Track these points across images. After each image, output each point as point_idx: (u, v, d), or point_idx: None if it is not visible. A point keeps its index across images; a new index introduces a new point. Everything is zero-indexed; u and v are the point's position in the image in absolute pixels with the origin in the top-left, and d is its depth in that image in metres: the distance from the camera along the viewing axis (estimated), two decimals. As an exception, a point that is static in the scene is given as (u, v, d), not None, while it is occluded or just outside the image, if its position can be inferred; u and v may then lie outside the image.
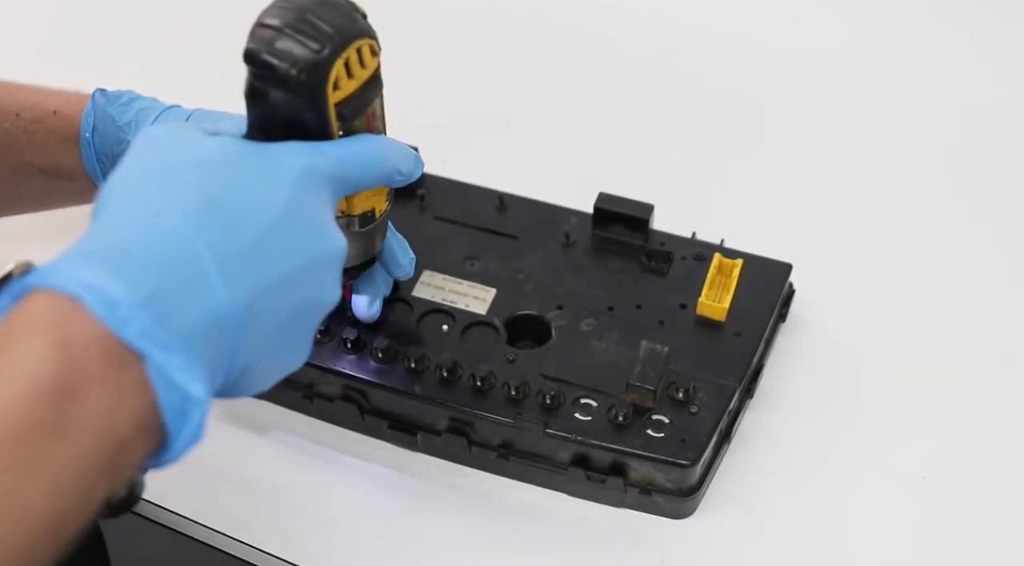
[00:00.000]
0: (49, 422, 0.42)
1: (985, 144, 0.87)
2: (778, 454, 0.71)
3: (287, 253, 0.50)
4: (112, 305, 0.44)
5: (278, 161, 0.52)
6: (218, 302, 0.47)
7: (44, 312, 0.44)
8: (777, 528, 0.69)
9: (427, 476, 0.72)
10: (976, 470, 0.70)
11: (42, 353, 0.43)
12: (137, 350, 0.44)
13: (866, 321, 0.77)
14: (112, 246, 0.46)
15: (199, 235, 0.47)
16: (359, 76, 0.56)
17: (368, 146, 0.57)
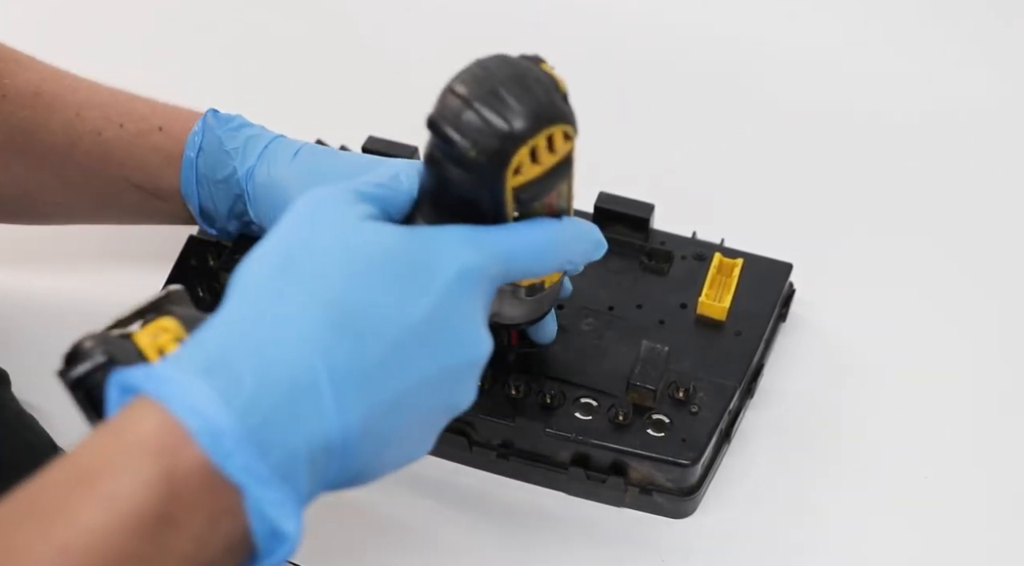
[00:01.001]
0: (144, 554, 0.42)
1: (986, 144, 0.87)
2: (778, 454, 0.71)
3: (421, 364, 0.48)
4: (218, 436, 0.43)
5: (434, 259, 0.49)
6: (328, 427, 0.45)
7: (152, 436, 0.43)
8: (777, 528, 0.69)
9: (427, 475, 0.72)
10: (977, 470, 0.70)
11: (147, 483, 0.42)
12: (236, 483, 0.44)
13: (866, 321, 0.77)
14: (228, 361, 0.45)
15: (322, 358, 0.46)
16: (545, 162, 0.51)
17: (542, 235, 0.52)
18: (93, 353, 0.49)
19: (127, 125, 0.69)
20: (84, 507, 0.42)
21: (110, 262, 0.85)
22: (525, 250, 0.52)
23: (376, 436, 0.47)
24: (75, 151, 0.70)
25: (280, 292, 0.47)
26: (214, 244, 0.77)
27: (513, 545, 0.69)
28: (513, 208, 0.51)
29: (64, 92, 0.70)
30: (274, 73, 0.92)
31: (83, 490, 0.43)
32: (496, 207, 0.51)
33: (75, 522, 0.42)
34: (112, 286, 0.83)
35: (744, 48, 0.94)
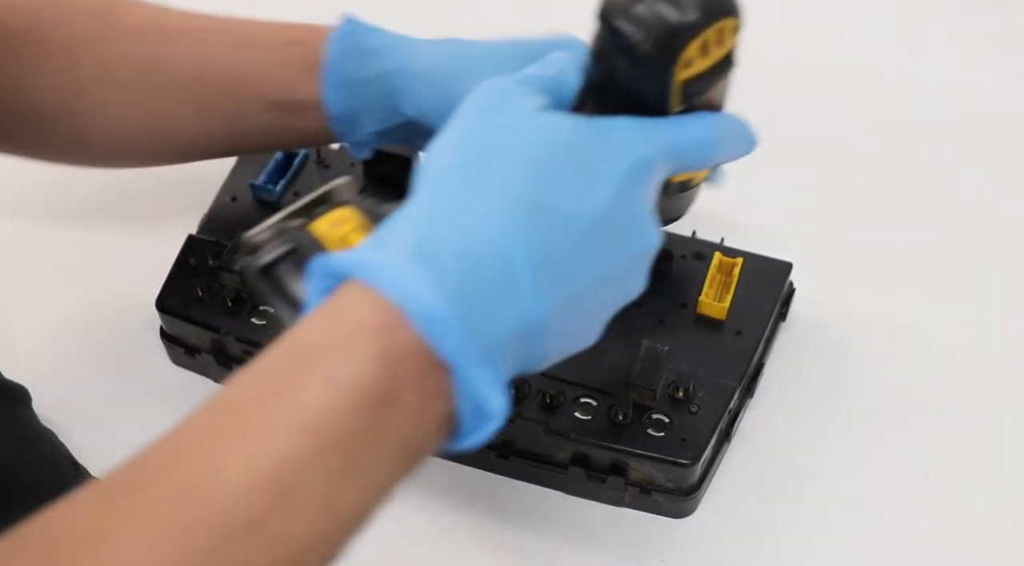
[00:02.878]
0: (367, 431, 0.44)
1: (987, 143, 0.87)
2: (778, 453, 0.71)
3: (603, 254, 0.50)
4: (432, 319, 0.45)
5: (611, 151, 0.50)
6: (527, 314, 0.47)
7: (368, 318, 0.45)
8: (777, 527, 0.69)
9: (426, 475, 0.71)
10: (977, 469, 0.70)
11: (367, 364, 0.44)
12: (448, 363, 0.45)
13: (866, 320, 0.77)
14: (436, 245, 0.46)
15: (520, 245, 0.47)
16: (714, 55, 0.51)
17: (705, 128, 0.53)
18: (276, 242, 0.51)
19: (256, 46, 0.70)
20: (310, 387, 0.44)
21: (110, 262, 0.85)
22: (692, 142, 0.53)
23: (563, 323, 0.49)
24: (208, 78, 0.70)
25: (473, 181, 0.48)
26: (213, 243, 0.77)
27: (513, 545, 0.69)
28: (678, 101, 0.52)
29: (185, 24, 0.71)
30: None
31: (308, 371, 0.44)
32: (662, 100, 0.51)
33: (303, 401, 0.44)
34: (113, 289, 0.83)
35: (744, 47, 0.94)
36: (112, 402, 0.78)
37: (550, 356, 0.50)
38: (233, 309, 0.74)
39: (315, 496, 0.43)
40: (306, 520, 0.43)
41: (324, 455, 0.43)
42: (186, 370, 0.79)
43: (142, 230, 0.81)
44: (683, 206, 0.61)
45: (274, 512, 0.42)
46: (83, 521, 0.42)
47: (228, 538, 0.41)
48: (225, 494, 0.42)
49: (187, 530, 0.41)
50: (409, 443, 0.46)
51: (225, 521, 0.41)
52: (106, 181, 0.86)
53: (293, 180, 0.80)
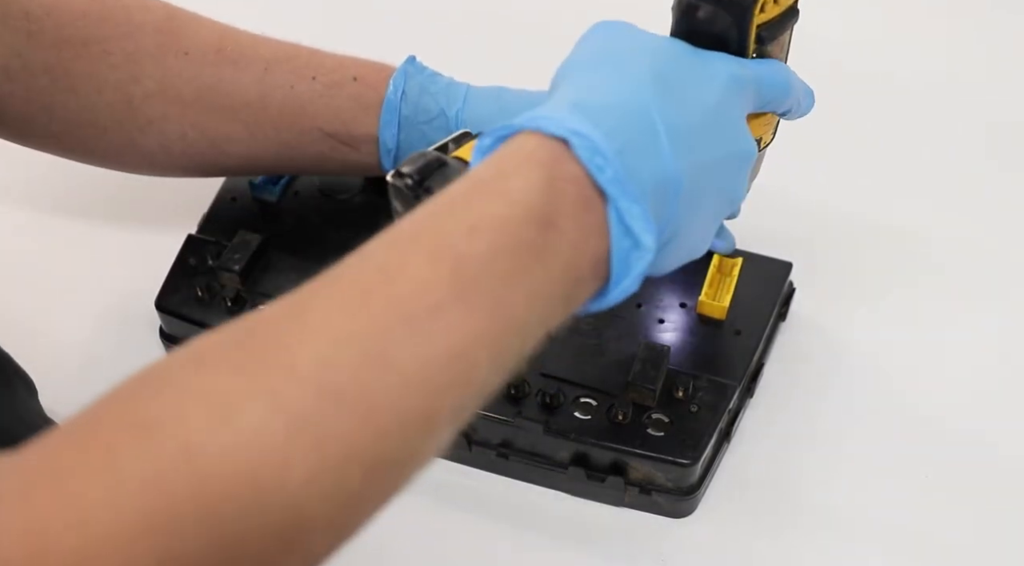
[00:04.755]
0: (534, 244, 0.47)
1: (986, 144, 0.87)
2: (778, 453, 0.71)
3: (716, 143, 0.55)
4: (594, 151, 0.49)
5: (711, 64, 0.56)
6: (666, 167, 0.52)
7: (536, 150, 0.49)
8: (777, 527, 0.69)
9: (426, 475, 0.71)
10: (977, 469, 0.70)
11: (535, 185, 0.48)
12: (608, 194, 0.49)
13: (866, 320, 0.77)
14: (589, 103, 0.51)
15: (655, 107, 0.52)
16: (783, 3, 0.59)
17: (779, 71, 0.60)
18: (425, 160, 0.56)
19: (319, 78, 0.72)
20: (486, 199, 0.48)
21: (110, 262, 0.85)
22: (770, 79, 0.59)
23: (692, 193, 0.53)
24: (268, 105, 0.72)
25: (612, 65, 0.54)
26: (213, 243, 0.77)
27: (513, 545, 0.69)
28: (753, 48, 0.58)
29: (246, 48, 0.73)
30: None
31: (485, 189, 0.48)
32: (741, 43, 0.58)
33: (479, 210, 0.47)
34: (113, 289, 0.83)
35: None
36: (112, 402, 0.78)
37: (672, 244, 0.54)
38: (233, 309, 0.74)
39: (487, 294, 0.46)
40: (479, 314, 0.45)
41: (496, 257, 0.46)
42: (186, 370, 0.79)
43: (142, 230, 0.81)
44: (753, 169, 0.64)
45: (452, 301, 0.45)
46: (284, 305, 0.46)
47: (411, 317, 0.44)
48: (410, 280, 0.45)
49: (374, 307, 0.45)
50: (568, 269, 0.48)
51: (409, 304, 0.45)
52: (107, 181, 0.86)
53: (293, 180, 0.80)
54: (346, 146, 0.73)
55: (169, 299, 0.76)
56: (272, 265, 0.76)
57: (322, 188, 0.80)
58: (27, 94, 0.72)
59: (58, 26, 0.71)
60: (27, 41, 0.71)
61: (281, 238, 0.77)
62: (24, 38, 0.70)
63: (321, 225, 0.78)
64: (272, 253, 0.76)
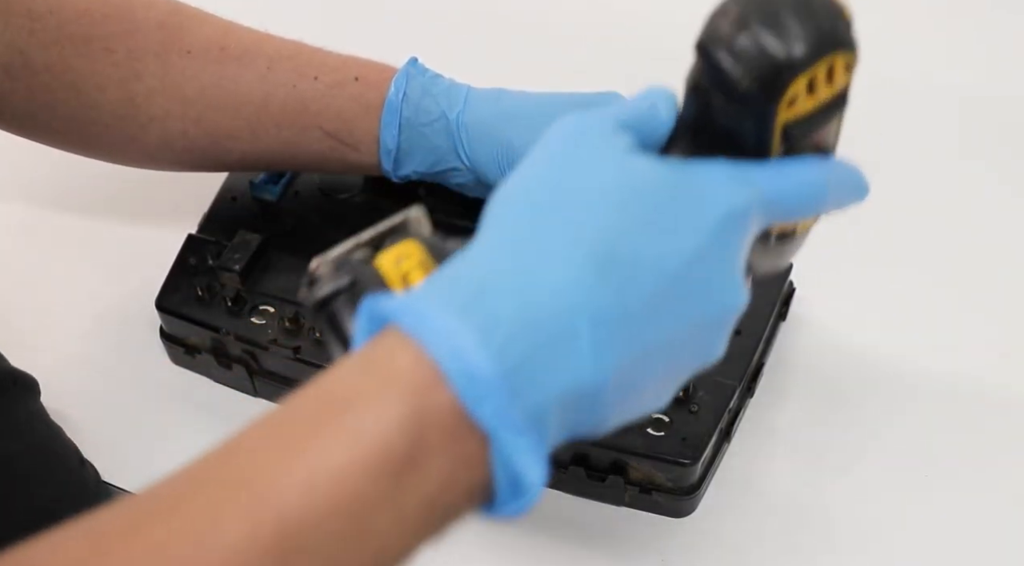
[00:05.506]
0: (386, 495, 0.41)
1: (985, 144, 0.87)
2: (778, 453, 0.71)
3: (680, 313, 0.45)
4: (473, 379, 0.41)
5: (701, 199, 0.45)
6: (582, 376, 0.43)
7: (406, 373, 0.42)
8: (777, 527, 0.69)
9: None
10: (977, 468, 0.70)
11: (395, 422, 0.41)
12: (485, 430, 0.42)
13: (866, 320, 0.77)
14: (489, 298, 0.42)
15: (584, 300, 0.43)
16: (822, 94, 0.46)
17: (809, 176, 0.48)
18: (336, 275, 0.49)
19: (321, 77, 0.71)
20: (332, 441, 0.41)
21: (110, 261, 0.85)
22: (792, 191, 0.47)
23: (625, 386, 0.44)
24: (270, 103, 0.72)
25: (543, 226, 0.44)
26: (213, 243, 0.77)
27: (512, 545, 0.69)
28: (780, 144, 0.47)
29: (249, 45, 0.72)
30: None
31: (332, 422, 0.41)
32: (762, 142, 0.46)
33: (322, 456, 0.41)
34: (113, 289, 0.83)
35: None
36: (112, 401, 0.78)
37: (609, 422, 0.46)
38: (233, 309, 0.74)
39: (318, 560, 0.40)
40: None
41: (334, 518, 0.40)
42: (186, 370, 0.79)
43: (142, 230, 0.81)
44: (784, 258, 0.55)
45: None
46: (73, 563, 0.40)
47: None
48: (222, 549, 0.39)
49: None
50: (433, 510, 0.42)
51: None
52: (107, 181, 0.86)
53: (292, 180, 0.80)
54: (346, 146, 0.72)
55: (169, 299, 0.76)
56: (272, 265, 0.76)
57: (322, 188, 0.80)
58: (29, 91, 0.72)
59: (60, 24, 0.70)
60: (29, 39, 0.70)
61: (281, 238, 0.77)
62: (26, 35, 0.70)
63: (321, 225, 0.78)
64: (272, 253, 0.76)
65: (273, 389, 0.75)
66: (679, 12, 0.96)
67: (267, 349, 0.73)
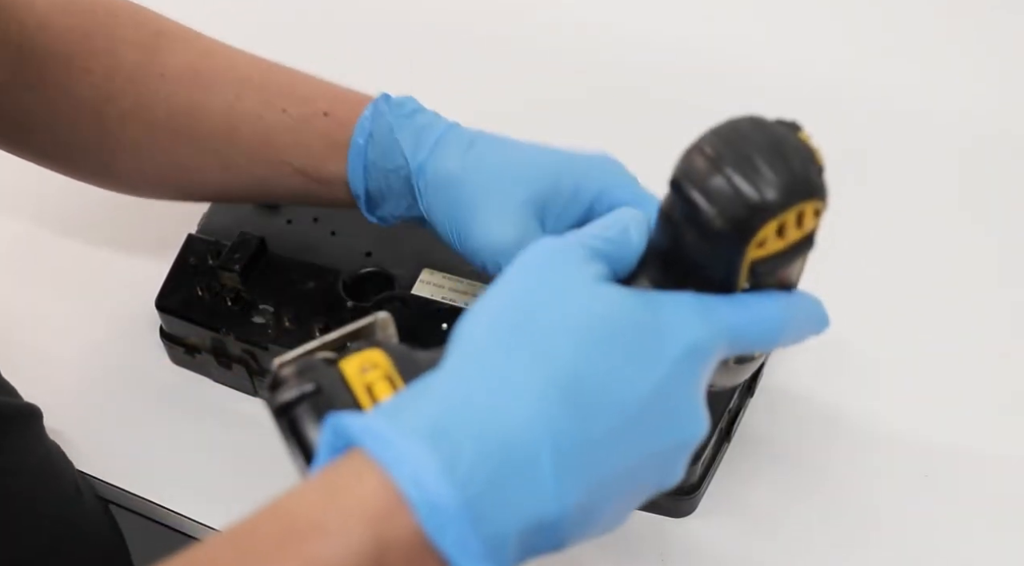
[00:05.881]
0: None
1: (985, 143, 0.86)
2: (779, 453, 0.71)
3: (641, 442, 0.45)
4: (436, 510, 0.42)
5: (666, 333, 0.46)
6: (545, 506, 0.43)
7: (368, 500, 0.42)
8: (777, 527, 0.69)
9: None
10: (977, 468, 0.70)
11: (357, 551, 0.41)
12: (445, 558, 0.42)
13: (866, 320, 0.77)
14: (453, 426, 0.43)
15: (547, 432, 0.43)
16: (791, 238, 0.47)
17: (771, 312, 0.49)
18: (300, 380, 0.48)
19: (290, 109, 0.67)
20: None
21: (110, 261, 0.85)
22: (754, 325, 0.48)
23: (585, 514, 0.45)
24: (236, 135, 0.68)
25: (509, 356, 0.45)
26: (213, 243, 0.77)
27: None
28: (746, 279, 0.48)
29: (221, 71, 0.69)
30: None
31: (292, 548, 0.41)
32: (729, 277, 0.48)
33: None
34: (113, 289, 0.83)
35: (744, 51, 0.94)
36: (112, 401, 0.78)
37: (567, 543, 0.46)
38: (233, 309, 0.74)
39: None
40: None
41: None
42: (186, 370, 0.79)
43: (142, 230, 0.81)
44: (742, 376, 0.56)
45: None
46: None
47: None
48: None
49: None
50: None
51: None
52: (106, 181, 0.86)
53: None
54: (319, 184, 0.68)
55: (169, 299, 0.76)
56: (272, 265, 0.76)
57: (322, 188, 0.80)
58: (14, 110, 0.70)
59: (47, 41, 0.68)
60: (18, 55, 0.68)
61: (281, 238, 0.77)
62: (15, 52, 0.68)
63: (321, 225, 0.78)
64: (272, 253, 0.76)
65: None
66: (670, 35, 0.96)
67: (267, 349, 0.73)
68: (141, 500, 0.74)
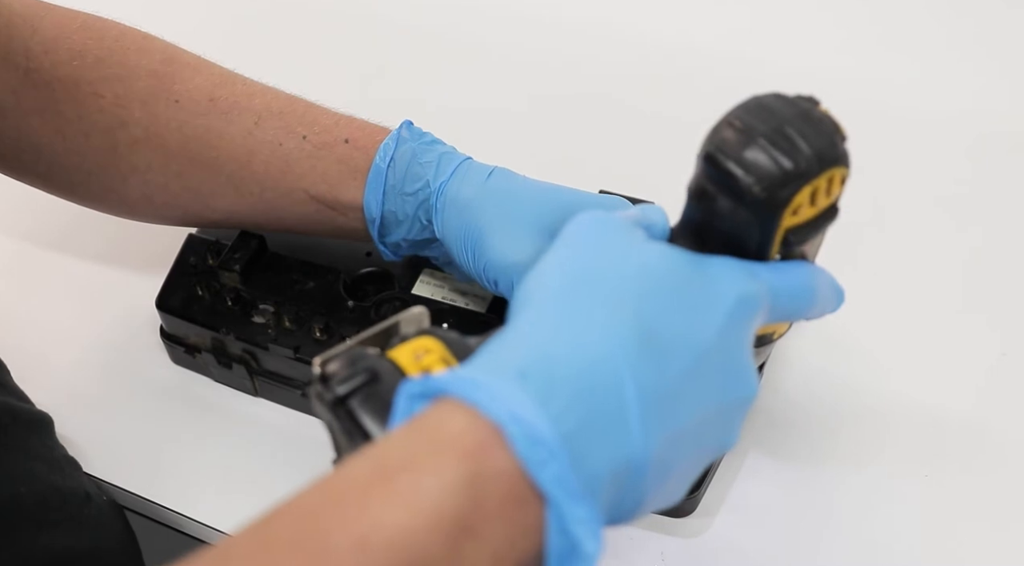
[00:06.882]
0: (441, 559, 0.40)
1: (982, 142, 0.87)
2: (779, 453, 0.71)
3: (707, 392, 0.46)
4: (535, 443, 0.41)
5: (716, 285, 0.48)
6: (633, 449, 0.44)
7: (462, 435, 0.41)
8: (777, 527, 0.69)
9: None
10: (977, 468, 0.70)
11: (452, 487, 0.40)
12: (547, 495, 0.42)
13: (866, 320, 0.77)
14: (542, 367, 0.43)
15: (630, 371, 0.44)
16: (821, 204, 0.50)
17: (803, 278, 0.51)
18: (352, 370, 0.47)
19: (310, 137, 0.68)
20: (387, 504, 0.40)
21: (110, 261, 0.85)
22: (791, 289, 0.50)
23: (663, 466, 0.45)
24: (253, 161, 0.69)
25: (582, 303, 0.46)
26: (213, 243, 0.77)
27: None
28: (777, 250, 0.50)
29: (240, 99, 0.70)
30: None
31: (387, 486, 0.41)
32: (763, 245, 0.49)
33: (375, 517, 0.40)
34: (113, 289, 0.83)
35: (742, 50, 0.94)
36: (112, 401, 0.78)
37: (642, 506, 0.46)
38: (233, 308, 0.74)
39: None
40: None
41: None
42: (186, 369, 0.79)
43: (142, 230, 0.81)
44: (756, 362, 0.57)
45: None
46: None
47: None
48: None
49: None
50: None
51: None
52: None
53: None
54: (333, 211, 0.69)
55: (169, 299, 0.76)
56: (272, 265, 0.76)
57: (322, 188, 0.79)
58: (18, 133, 0.70)
59: (53, 65, 0.68)
60: (24, 79, 0.69)
61: (281, 238, 0.77)
62: (22, 75, 0.69)
63: (321, 225, 0.78)
64: (272, 253, 0.76)
65: (273, 389, 0.75)
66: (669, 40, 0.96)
67: (267, 349, 0.73)
68: (142, 500, 0.74)
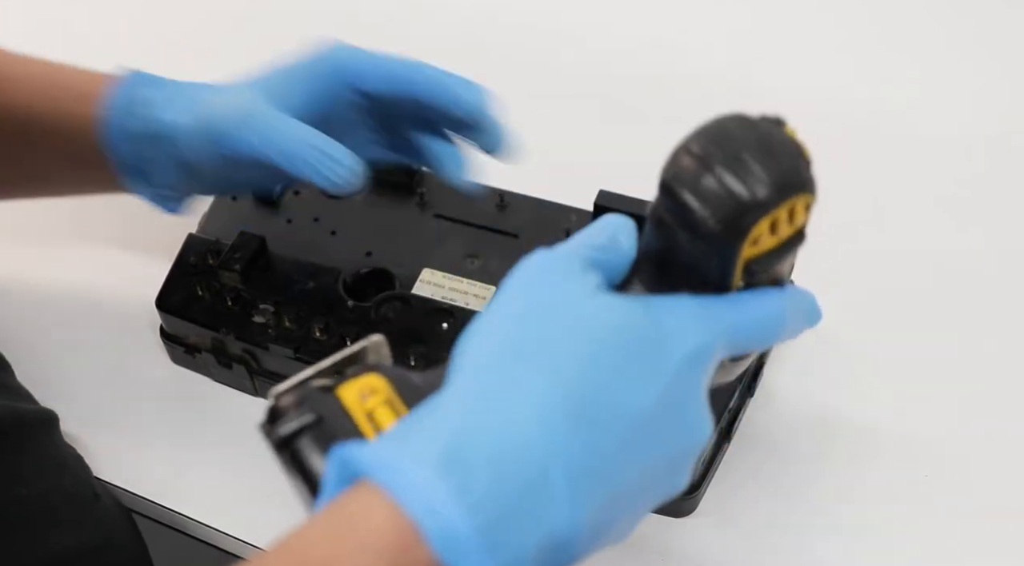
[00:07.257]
0: None
1: (983, 147, 0.87)
2: (779, 453, 0.71)
3: (649, 452, 0.45)
4: (454, 539, 0.41)
5: (666, 339, 0.46)
6: (559, 524, 0.43)
7: (381, 532, 0.41)
8: (777, 527, 0.69)
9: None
10: (976, 468, 0.70)
11: None
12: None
13: (866, 320, 0.77)
14: (463, 454, 0.42)
15: (559, 453, 0.43)
16: (783, 233, 0.47)
17: (768, 307, 0.49)
18: (299, 410, 0.47)
19: (52, 93, 0.69)
20: None
21: (110, 261, 0.85)
22: (752, 323, 0.48)
23: (599, 528, 0.44)
24: (4, 125, 0.70)
25: (514, 374, 0.44)
26: (213, 243, 0.77)
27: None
28: (740, 278, 0.48)
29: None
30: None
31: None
32: (723, 277, 0.47)
33: None
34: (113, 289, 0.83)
35: (742, 51, 0.94)
36: (112, 401, 0.78)
37: (579, 559, 0.45)
38: (233, 308, 0.74)
39: None
40: None
41: None
42: (186, 369, 0.79)
43: (142, 229, 0.81)
44: (736, 373, 0.55)
45: None
46: None
47: None
48: None
49: None
50: None
51: None
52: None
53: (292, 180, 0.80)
54: (85, 168, 0.69)
55: (169, 299, 0.76)
56: (272, 265, 0.76)
57: (322, 187, 0.80)
58: None
59: None
60: None
61: (281, 238, 0.77)
62: None
63: (321, 224, 0.78)
64: (272, 253, 0.76)
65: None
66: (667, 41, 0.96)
67: (267, 349, 0.73)
68: (141, 499, 0.74)
